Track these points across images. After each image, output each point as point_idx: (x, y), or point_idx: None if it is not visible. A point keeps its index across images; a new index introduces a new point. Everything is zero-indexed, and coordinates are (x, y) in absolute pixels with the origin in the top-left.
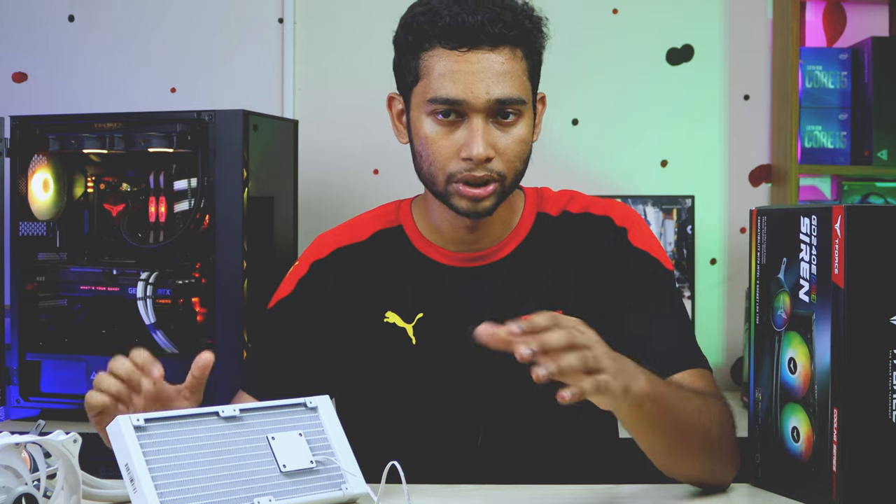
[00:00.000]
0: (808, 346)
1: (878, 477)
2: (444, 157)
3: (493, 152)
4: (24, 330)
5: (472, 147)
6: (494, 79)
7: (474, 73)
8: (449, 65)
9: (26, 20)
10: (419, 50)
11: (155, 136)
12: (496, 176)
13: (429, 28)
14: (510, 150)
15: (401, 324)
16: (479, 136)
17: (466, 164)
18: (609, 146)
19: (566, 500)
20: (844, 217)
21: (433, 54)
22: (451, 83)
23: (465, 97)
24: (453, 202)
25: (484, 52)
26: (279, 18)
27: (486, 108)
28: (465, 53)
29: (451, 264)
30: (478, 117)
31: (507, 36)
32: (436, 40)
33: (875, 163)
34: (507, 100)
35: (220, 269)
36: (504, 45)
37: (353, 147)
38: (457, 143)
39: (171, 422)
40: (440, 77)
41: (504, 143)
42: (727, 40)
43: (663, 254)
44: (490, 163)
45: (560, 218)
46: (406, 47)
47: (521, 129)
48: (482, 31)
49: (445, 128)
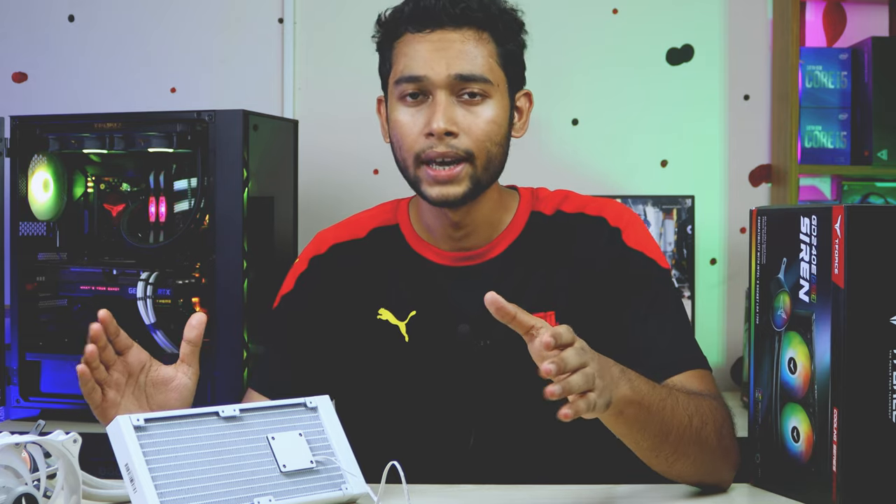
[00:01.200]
0: (808, 346)
1: (878, 477)
2: (410, 139)
3: (456, 128)
4: (24, 330)
5: (433, 121)
6: (456, 55)
7: (436, 51)
8: (414, 45)
9: (26, 20)
10: (392, 40)
11: (155, 136)
12: (462, 153)
13: (397, 17)
14: (476, 127)
15: (394, 321)
16: (440, 109)
17: (430, 141)
18: (609, 146)
19: (565, 500)
20: (844, 217)
21: (403, 41)
22: (414, 61)
23: (426, 72)
24: (424, 190)
25: (447, 32)
26: (279, 18)
27: (447, 84)
28: (429, 34)
29: (443, 263)
30: (440, 93)
31: (470, 17)
32: (403, 27)
33: (875, 163)
34: (469, 76)
35: (220, 269)
36: (468, 26)
37: (353, 147)
38: (421, 122)
39: (171, 422)
40: (405, 57)
41: (470, 120)
42: (727, 40)
43: (659, 253)
44: (455, 139)
45: (554, 217)
46: (381, 43)
47: (490, 109)
48: (444, 12)
49: (412, 109)
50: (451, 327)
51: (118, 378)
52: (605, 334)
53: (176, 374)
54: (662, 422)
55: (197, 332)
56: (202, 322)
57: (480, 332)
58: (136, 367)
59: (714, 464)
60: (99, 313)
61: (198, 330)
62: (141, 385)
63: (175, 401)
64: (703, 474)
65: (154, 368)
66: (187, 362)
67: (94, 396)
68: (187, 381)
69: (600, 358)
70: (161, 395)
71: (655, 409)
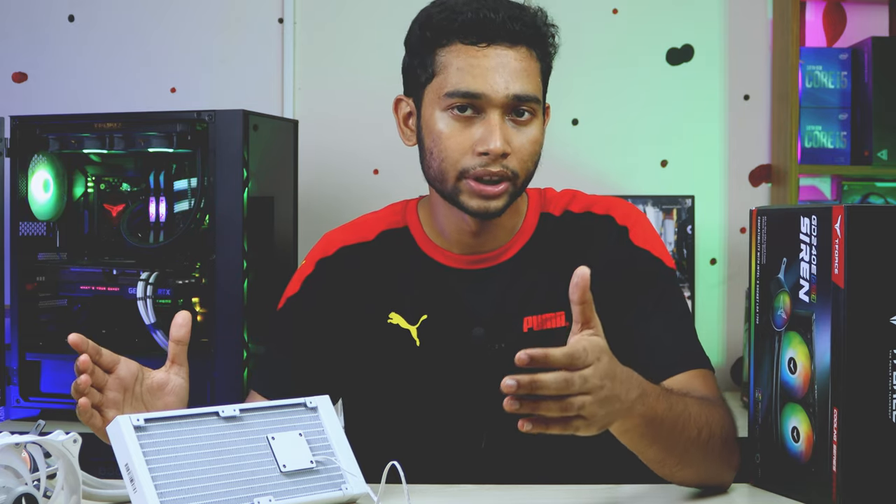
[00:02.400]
0: (808, 346)
1: (878, 477)
2: (458, 153)
3: (510, 149)
4: (24, 330)
5: (490, 141)
6: (513, 75)
7: (493, 69)
8: (468, 59)
9: (26, 20)
10: (436, 46)
11: (155, 136)
12: (510, 174)
13: (448, 24)
14: (524, 149)
15: (405, 325)
16: (498, 130)
17: (481, 160)
18: (609, 146)
19: (566, 500)
20: (844, 217)
21: (451, 50)
22: (471, 77)
23: (485, 91)
24: (462, 200)
25: (503, 49)
26: (279, 18)
27: (503, 104)
28: (484, 49)
29: (455, 266)
30: (495, 112)
31: (525, 35)
32: (454, 36)
33: (875, 163)
34: (525, 96)
35: (220, 269)
36: (521, 44)
37: (353, 147)
38: (472, 138)
39: (171, 422)
40: (459, 71)
41: (519, 141)
42: (727, 40)
43: (666, 252)
44: (505, 159)
45: (562, 218)
46: (421, 45)
47: (535, 129)
48: (502, 28)
49: (461, 123)
50: (465, 331)
51: (114, 397)
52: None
53: (169, 377)
54: (671, 437)
55: (185, 331)
56: (188, 320)
57: (495, 335)
58: (130, 381)
59: (717, 470)
60: (69, 338)
61: (185, 328)
62: (138, 395)
63: (173, 403)
64: (705, 479)
65: (147, 376)
66: (178, 363)
67: (94, 422)
68: (181, 381)
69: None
70: (159, 401)
71: (667, 427)
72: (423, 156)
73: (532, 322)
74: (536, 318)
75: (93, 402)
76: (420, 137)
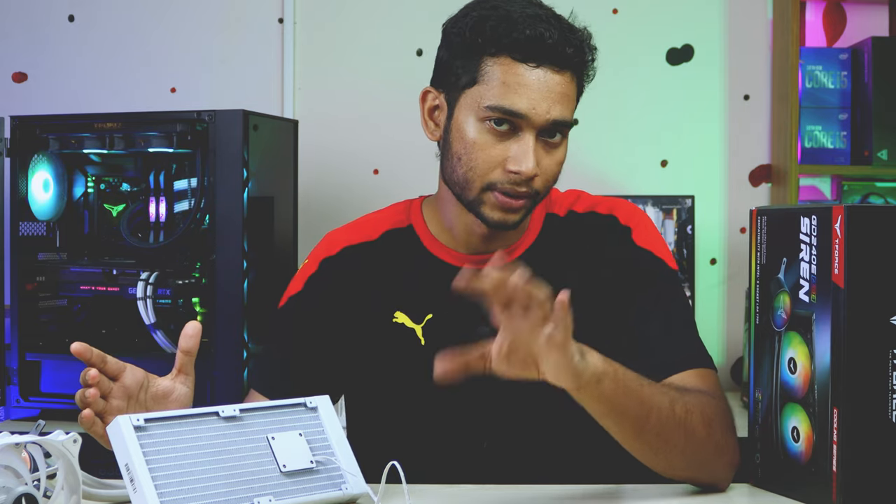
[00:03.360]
0: (808, 346)
1: (878, 477)
2: (488, 166)
3: (539, 170)
4: (24, 330)
5: (523, 162)
6: (556, 99)
7: (540, 90)
8: (516, 77)
9: (26, 20)
10: (484, 54)
11: (155, 136)
12: (534, 192)
13: (503, 35)
14: (550, 170)
15: (410, 324)
16: (531, 152)
17: (511, 177)
18: (609, 146)
19: (566, 500)
20: (844, 217)
21: (499, 62)
22: (517, 95)
23: (528, 112)
24: (483, 211)
25: (550, 72)
26: (279, 18)
27: (541, 126)
28: (534, 69)
29: (461, 265)
30: (531, 133)
31: (573, 62)
32: (506, 49)
33: (875, 163)
34: (563, 122)
35: (220, 269)
36: (568, 70)
37: (353, 147)
38: (504, 153)
39: (171, 422)
40: (504, 86)
41: (547, 163)
42: (727, 40)
43: (668, 253)
44: (533, 180)
45: (567, 218)
46: (468, 47)
47: (562, 152)
48: (554, 51)
49: (495, 137)
50: (469, 330)
51: (118, 404)
52: (614, 332)
53: (175, 386)
54: (641, 402)
55: (194, 343)
56: (198, 331)
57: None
58: (135, 388)
59: (705, 457)
60: (72, 347)
61: (194, 340)
62: (142, 402)
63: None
64: (695, 468)
65: (153, 384)
66: (185, 372)
67: (96, 430)
68: (186, 390)
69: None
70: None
71: (633, 388)
72: (446, 156)
73: None
74: None
75: (96, 410)
76: (448, 138)
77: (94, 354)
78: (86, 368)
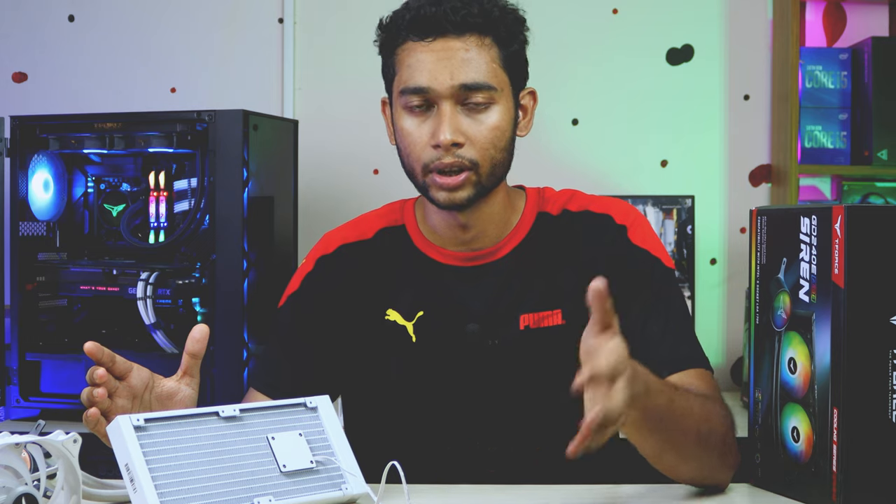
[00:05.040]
0: (808, 346)
1: (878, 477)
2: (418, 148)
3: (463, 138)
4: (24, 330)
5: (439, 133)
6: (459, 65)
7: (439, 61)
8: (416, 55)
9: (26, 20)
10: (394, 46)
11: (155, 136)
12: (468, 163)
13: (399, 23)
14: (482, 136)
15: (401, 322)
16: (445, 121)
17: (437, 152)
18: (609, 146)
19: (566, 500)
20: (844, 217)
21: (405, 48)
22: (418, 72)
23: (430, 84)
24: (431, 195)
25: (450, 41)
26: (279, 18)
27: (452, 95)
28: (431, 43)
29: (450, 263)
30: (445, 104)
31: (472, 23)
32: (405, 34)
33: (875, 163)
34: (473, 85)
35: (220, 269)
36: (470, 33)
37: (353, 147)
38: (427, 132)
39: (171, 422)
40: (409, 68)
41: (475, 129)
42: (727, 40)
43: (664, 251)
44: (461, 149)
45: (560, 217)
46: (384, 46)
47: (495, 115)
48: (445, 19)
49: (418, 118)
50: (459, 327)
51: (123, 404)
52: None
53: (179, 387)
54: (671, 430)
55: (200, 347)
56: (205, 335)
57: (489, 331)
58: (140, 388)
59: (715, 467)
60: (85, 346)
61: (201, 344)
62: (146, 402)
63: None
64: (704, 476)
65: (158, 384)
66: (190, 374)
67: (99, 429)
68: (191, 392)
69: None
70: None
71: (667, 420)
72: (398, 155)
73: (528, 320)
74: (533, 315)
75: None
76: (395, 136)
77: (104, 354)
78: (93, 367)
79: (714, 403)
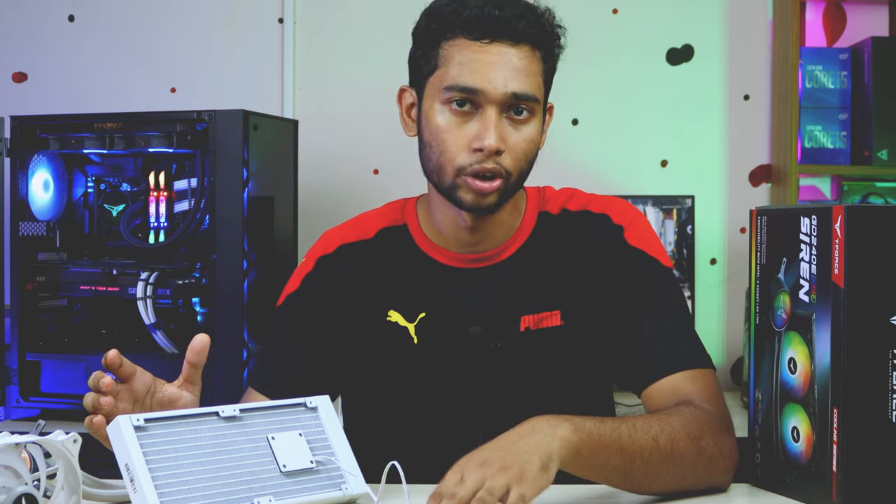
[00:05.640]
0: (808, 346)
1: (878, 477)
2: (455, 148)
3: (504, 146)
4: (24, 330)
5: (485, 137)
6: (513, 73)
7: (494, 65)
8: (469, 54)
9: (26, 20)
10: (440, 39)
11: (155, 136)
12: (503, 171)
13: (454, 17)
14: (519, 147)
15: (403, 323)
16: (493, 126)
17: (477, 156)
18: (609, 146)
19: (566, 499)
20: (844, 217)
21: (454, 44)
22: (470, 72)
23: (483, 87)
24: (459, 195)
25: (505, 46)
26: (279, 18)
27: (501, 101)
28: (487, 45)
29: (453, 265)
30: (492, 109)
31: (529, 34)
32: (459, 30)
33: (875, 163)
34: (523, 95)
35: (220, 269)
36: (525, 43)
37: (353, 147)
38: (469, 134)
39: (171, 422)
40: (459, 66)
41: (514, 139)
42: (727, 40)
43: (662, 251)
44: (500, 156)
45: (560, 217)
46: (427, 36)
47: (532, 128)
48: (506, 25)
49: (459, 118)
50: (462, 329)
51: (124, 407)
52: (608, 333)
53: (181, 394)
54: (622, 453)
55: (200, 358)
56: (206, 345)
57: (491, 333)
58: (142, 393)
59: (698, 475)
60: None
61: (201, 355)
62: (147, 406)
63: None
64: (689, 487)
65: (160, 389)
66: (191, 382)
67: (101, 432)
68: (192, 398)
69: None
70: None
71: (611, 442)
72: (422, 148)
73: (528, 321)
74: (533, 317)
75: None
76: (420, 129)
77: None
78: (98, 373)
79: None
